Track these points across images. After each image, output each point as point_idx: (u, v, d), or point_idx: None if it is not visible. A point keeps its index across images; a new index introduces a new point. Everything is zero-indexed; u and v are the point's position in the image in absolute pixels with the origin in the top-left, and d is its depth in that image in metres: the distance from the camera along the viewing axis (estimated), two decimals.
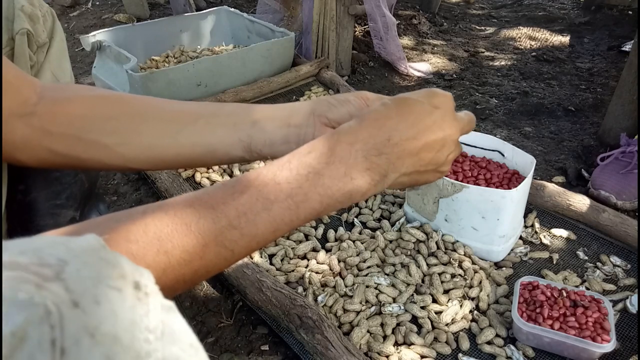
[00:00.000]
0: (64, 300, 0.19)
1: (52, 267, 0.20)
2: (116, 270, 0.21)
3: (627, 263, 0.95)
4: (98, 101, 0.54)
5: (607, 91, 1.68)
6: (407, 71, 1.83)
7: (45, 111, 0.52)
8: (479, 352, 0.80)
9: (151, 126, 0.54)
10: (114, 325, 0.20)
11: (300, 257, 0.97)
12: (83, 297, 0.19)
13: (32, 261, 0.20)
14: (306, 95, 1.53)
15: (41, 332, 0.18)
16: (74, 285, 0.19)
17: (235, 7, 2.02)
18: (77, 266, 0.20)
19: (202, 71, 1.41)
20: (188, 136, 0.54)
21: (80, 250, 0.21)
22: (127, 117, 0.54)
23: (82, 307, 0.19)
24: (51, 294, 0.19)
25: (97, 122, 0.53)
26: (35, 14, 0.69)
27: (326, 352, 0.73)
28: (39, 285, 0.19)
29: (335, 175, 0.43)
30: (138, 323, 0.21)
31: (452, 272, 0.91)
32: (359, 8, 1.73)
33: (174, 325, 0.22)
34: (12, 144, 0.52)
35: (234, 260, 0.41)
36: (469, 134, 1.06)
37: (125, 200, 1.18)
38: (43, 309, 0.18)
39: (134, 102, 0.56)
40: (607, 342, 0.74)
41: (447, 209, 0.95)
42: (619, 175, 1.14)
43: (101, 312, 0.19)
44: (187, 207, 0.38)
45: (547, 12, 2.55)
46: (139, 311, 0.21)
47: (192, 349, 0.23)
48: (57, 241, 0.21)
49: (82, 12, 2.44)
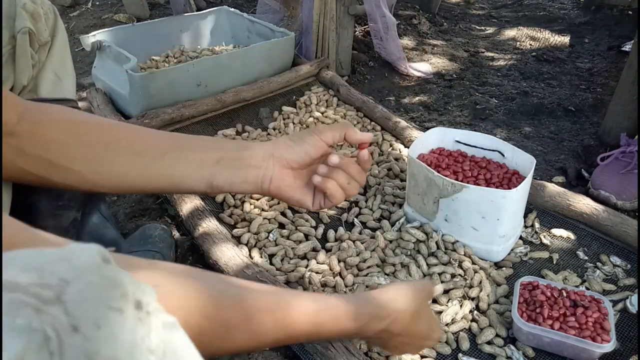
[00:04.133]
0: (64, 325, 0.18)
1: (52, 288, 0.19)
2: (118, 289, 0.21)
3: (627, 263, 0.95)
4: (74, 127, 0.57)
5: (607, 91, 1.67)
6: (407, 71, 1.83)
7: (23, 132, 0.54)
8: (479, 352, 0.80)
9: (123, 157, 0.57)
10: (115, 349, 0.19)
11: (300, 257, 0.97)
12: (83, 320, 0.19)
13: (32, 281, 0.19)
14: (306, 95, 1.53)
15: (40, 359, 0.17)
16: (74, 309, 0.19)
17: (235, 7, 2.02)
18: (78, 287, 0.20)
19: (202, 71, 1.41)
20: (157, 169, 0.58)
21: (83, 268, 0.21)
22: (101, 147, 0.57)
23: (82, 332, 0.19)
24: (51, 318, 0.18)
25: (71, 149, 0.56)
26: (37, 12, 0.69)
27: (326, 352, 0.73)
28: (38, 309, 0.18)
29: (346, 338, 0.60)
30: (139, 345, 0.20)
31: (452, 272, 0.91)
32: (359, 8, 1.73)
33: (177, 343, 0.22)
34: None
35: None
36: (469, 134, 1.07)
37: (125, 200, 1.18)
38: (42, 335, 0.18)
39: (109, 131, 0.58)
40: (607, 342, 0.74)
41: (447, 209, 0.95)
42: (619, 175, 1.14)
43: (102, 336, 0.19)
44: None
45: (547, 12, 2.55)
46: (140, 332, 0.21)
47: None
48: (61, 257, 0.21)
49: (82, 12, 2.44)
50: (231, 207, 1.09)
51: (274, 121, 1.42)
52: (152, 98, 1.34)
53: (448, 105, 1.65)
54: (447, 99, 1.69)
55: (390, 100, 1.67)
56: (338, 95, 1.53)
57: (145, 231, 0.99)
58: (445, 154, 1.06)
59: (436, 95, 1.71)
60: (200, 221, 0.99)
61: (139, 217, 1.13)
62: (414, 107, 1.63)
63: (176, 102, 1.38)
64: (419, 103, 1.66)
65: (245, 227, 1.03)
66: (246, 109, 1.48)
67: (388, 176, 1.19)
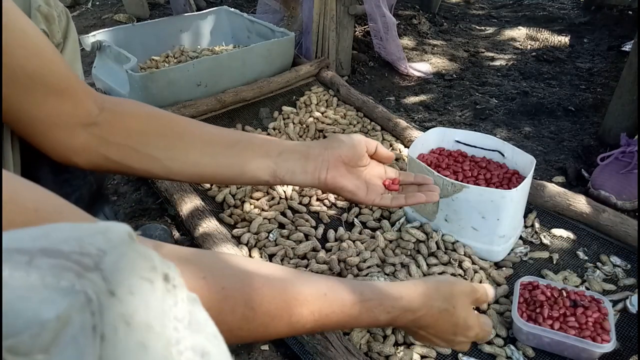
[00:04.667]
0: (102, 290, 0.20)
1: (92, 257, 0.21)
2: (148, 262, 0.23)
3: (627, 263, 0.95)
4: (151, 119, 0.63)
5: (607, 91, 1.68)
6: (407, 71, 1.83)
7: (106, 122, 0.60)
8: (479, 352, 0.80)
9: (195, 146, 0.64)
10: (147, 314, 0.21)
11: (300, 257, 0.97)
12: (119, 287, 0.21)
13: (74, 250, 0.21)
14: (306, 95, 1.53)
15: (83, 317, 0.19)
16: (110, 276, 0.21)
17: (235, 7, 2.02)
18: (114, 257, 0.21)
19: (202, 71, 1.41)
20: (226, 158, 0.65)
21: (118, 242, 0.22)
22: (177, 136, 0.63)
23: (119, 297, 0.20)
24: (91, 282, 0.20)
25: (152, 138, 0.62)
26: (51, 14, 0.70)
27: (326, 352, 0.73)
28: (79, 274, 0.20)
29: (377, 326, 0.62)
30: (167, 313, 0.22)
31: (452, 272, 0.91)
32: (359, 8, 1.73)
33: (199, 316, 0.24)
34: (71, 148, 0.60)
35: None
36: (469, 134, 1.07)
37: (125, 200, 1.18)
38: (84, 297, 0.19)
39: (181, 123, 0.65)
40: (607, 342, 0.74)
41: (447, 209, 0.95)
42: (619, 175, 1.14)
43: (135, 302, 0.21)
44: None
45: (547, 12, 2.55)
46: (168, 302, 0.22)
47: (216, 339, 0.24)
48: (98, 230, 0.22)
49: (82, 12, 2.44)
50: (231, 207, 1.09)
51: (274, 121, 1.42)
52: (152, 98, 1.34)
53: (448, 105, 1.65)
54: (447, 99, 1.69)
55: (390, 100, 1.67)
56: (338, 95, 1.53)
57: (145, 231, 1.00)
58: (445, 154, 1.06)
59: (436, 95, 1.71)
60: (200, 221, 0.99)
61: (139, 217, 1.13)
62: (414, 107, 1.63)
63: (176, 102, 1.38)
64: (419, 103, 1.66)
65: (245, 227, 1.03)
66: (246, 109, 1.48)
67: None
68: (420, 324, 0.60)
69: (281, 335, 0.49)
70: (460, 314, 0.62)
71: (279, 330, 0.48)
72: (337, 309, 0.52)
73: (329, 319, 0.51)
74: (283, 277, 0.50)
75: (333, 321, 0.52)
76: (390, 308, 0.56)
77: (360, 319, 0.54)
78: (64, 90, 0.57)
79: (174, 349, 0.21)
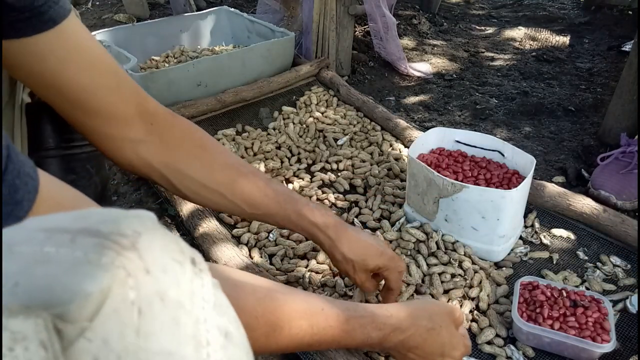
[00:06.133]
0: (139, 267, 0.22)
1: (128, 237, 0.22)
2: (178, 245, 0.24)
3: (627, 263, 0.95)
4: (195, 159, 0.68)
5: (607, 91, 1.67)
6: (407, 71, 1.83)
7: (152, 145, 0.65)
8: (479, 352, 0.80)
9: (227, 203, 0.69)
10: (178, 292, 0.22)
11: (300, 257, 0.97)
12: (153, 266, 0.22)
13: (112, 230, 0.22)
14: (306, 95, 1.53)
15: (123, 291, 0.20)
16: (146, 255, 0.22)
17: (235, 7, 2.02)
18: (148, 239, 0.23)
19: (202, 71, 1.41)
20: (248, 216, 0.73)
21: (150, 225, 0.24)
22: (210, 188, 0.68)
23: (153, 274, 0.22)
24: (128, 260, 0.21)
25: (187, 181, 0.67)
26: None
27: (326, 352, 0.73)
28: (118, 252, 0.21)
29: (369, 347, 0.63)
30: (196, 293, 0.23)
31: (452, 272, 0.91)
32: (359, 8, 1.73)
33: (222, 300, 0.25)
34: (119, 159, 0.65)
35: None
36: (469, 134, 1.07)
37: (125, 200, 1.18)
38: (124, 273, 0.21)
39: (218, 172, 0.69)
40: (607, 342, 0.74)
41: (447, 209, 0.95)
42: (619, 176, 1.14)
43: (168, 280, 0.22)
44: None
45: (547, 12, 2.55)
46: (196, 283, 0.24)
47: (236, 322, 0.26)
48: (131, 215, 0.24)
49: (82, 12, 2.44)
50: None
51: (274, 121, 1.42)
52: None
53: (448, 105, 1.65)
54: (447, 99, 1.69)
55: (390, 100, 1.67)
56: (338, 95, 1.53)
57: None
58: (445, 154, 1.06)
59: (436, 95, 1.71)
60: (200, 221, 0.99)
61: None
62: (414, 107, 1.63)
63: (176, 102, 1.38)
64: (419, 103, 1.66)
65: (245, 227, 1.03)
66: (246, 109, 1.48)
67: (388, 176, 1.19)
68: (410, 345, 0.62)
69: (281, 346, 0.51)
70: (445, 333, 0.64)
71: (279, 341, 0.50)
72: (333, 324, 0.54)
73: (325, 333, 0.54)
74: (283, 292, 0.53)
75: (329, 335, 0.54)
76: (381, 325, 0.59)
77: (354, 335, 0.57)
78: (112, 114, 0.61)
79: (202, 326, 0.23)
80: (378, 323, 0.59)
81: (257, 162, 1.23)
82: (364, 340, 0.58)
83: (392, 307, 0.62)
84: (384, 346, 0.61)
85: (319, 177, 1.19)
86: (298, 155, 1.28)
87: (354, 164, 1.23)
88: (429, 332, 0.62)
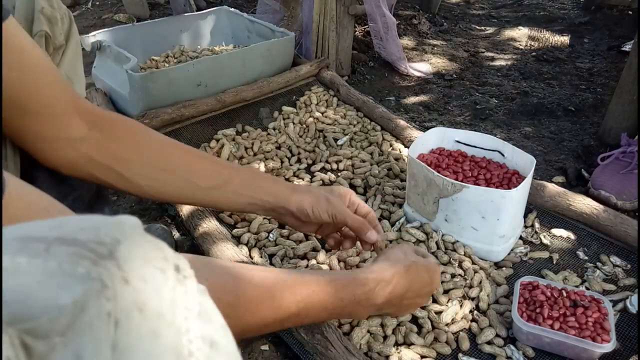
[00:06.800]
0: (117, 277, 0.21)
1: (107, 245, 0.21)
2: (160, 252, 0.23)
3: (627, 263, 0.95)
4: (140, 147, 0.67)
5: (607, 91, 1.68)
6: (407, 71, 1.83)
7: (93, 142, 0.64)
8: (479, 352, 0.80)
9: (176, 181, 0.69)
10: (159, 302, 0.21)
11: (300, 257, 0.97)
12: (133, 275, 0.21)
13: (90, 238, 0.21)
14: (306, 95, 1.53)
15: (99, 303, 0.19)
16: (125, 264, 0.21)
17: (235, 7, 2.02)
18: (128, 247, 0.22)
19: (202, 71, 1.41)
20: (202, 196, 0.71)
21: (131, 232, 0.23)
22: (160, 169, 0.68)
23: (132, 284, 0.21)
24: (106, 270, 0.20)
25: (135, 166, 0.66)
26: (54, 16, 0.70)
27: (326, 352, 0.73)
28: (95, 261, 0.20)
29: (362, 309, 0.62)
30: (178, 302, 0.22)
31: (452, 272, 0.91)
32: (359, 8, 1.73)
33: (208, 307, 0.24)
34: (59, 161, 0.63)
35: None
36: (469, 134, 1.07)
37: (125, 200, 1.18)
38: (100, 283, 0.20)
39: (168, 155, 0.69)
40: (607, 342, 0.74)
41: (447, 209, 0.95)
42: (619, 176, 1.14)
43: (148, 290, 0.21)
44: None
45: (547, 12, 2.55)
46: (179, 291, 0.23)
47: (223, 330, 0.25)
48: (112, 222, 0.23)
49: (82, 12, 2.44)
50: None
51: (274, 121, 1.42)
52: (152, 98, 1.34)
53: (448, 105, 1.65)
54: (447, 99, 1.69)
55: (390, 100, 1.67)
56: (338, 95, 1.52)
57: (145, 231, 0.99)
58: (445, 154, 1.06)
59: (436, 95, 1.71)
60: (200, 221, 0.99)
61: (139, 217, 1.12)
62: (414, 107, 1.63)
63: (176, 102, 1.38)
64: (419, 103, 1.66)
65: (245, 227, 1.03)
66: (246, 109, 1.48)
67: (388, 176, 1.19)
68: (399, 292, 0.64)
69: (267, 321, 0.51)
70: (419, 263, 0.69)
71: (264, 316, 0.50)
72: (315, 288, 0.55)
73: (310, 300, 0.54)
74: (261, 269, 0.54)
75: (315, 302, 0.55)
76: (364, 280, 0.60)
77: (340, 296, 0.58)
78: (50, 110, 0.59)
79: (184, 337, 0.22)
80: (360, 279, 0.60)
81: (257, 162, 1.23)
82: (351, 300, 0.58)
83: (371, 265, 0.65)
84: (375, 303, 0.62)
85: (319, 177, 1.19)
86: (298, 155, 1.28)
87: (354, 164, 1.23)
88: (409, 271, 0.65)
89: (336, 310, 0.58)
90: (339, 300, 0.57)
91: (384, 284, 0.62)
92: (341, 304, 0.58)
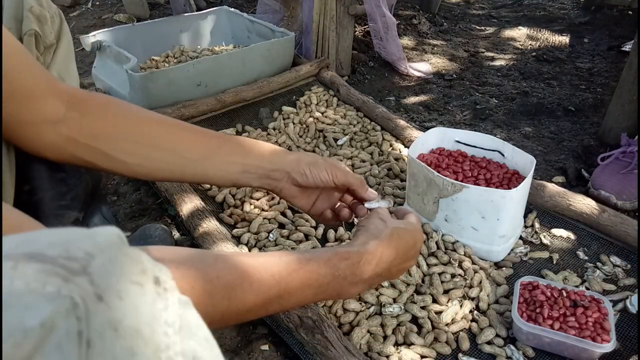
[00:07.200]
0: (90, 294, 0.19)
1: (79, 261, 0.20)
2: (138, 265, 0.22)
3: (627, 263, 0.95)
4: (122, 122, 0.64)
5: (607, 91, 1.67)
6: (407, 71, 1.83)
7: (73, 122, 0.61)
8: (479, 352, 0.80)
9: (164, 155, 0.65)
10: (136, 319, 0.20)
11: None
12: (107, 291, 0.20)
13: (60, 254, 0.20)
14: (306, 95, 1.53)
15: (68, 323, 0.18)
16: (99, 280, 0.20)
17: (235, 7, 2.02)
18: (102, 261, 0.21)
19: (202, 71, 1.41)
20: (193, 169, 0.67)
21: (106, 245, 0.22)
22: (146, 143, 0.64)
23: (107, 301, 0.20)
24: (77, 287, 0.19)
25: (119, 143, 0.63)
26: (44, 15, 0.70)
27: (326, 352, 0.73)
28: (66, 278, 0.19)
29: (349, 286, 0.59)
30: (158, 317, 0.21)
31: (452, 272, 0.91)
32: (359, 8, 1.73)
33: (191, 319, 0.23)
34: (42, 146, 0.61)
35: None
36: (469, 134, 1.07)
37: (125, 200, 1.18)
38: (70, 302, 0.19)
39: (154, 128, 0.66)
40: (607, 342, 0.74)
41: (447, 209, 0.95)
42: (619, 176, 1.14)
43: (124, 307, 0.20)
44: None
45: (547, 12, 2.55)
46: (158, 306, 0.22)
47: (207, 343, 0.23)
48: (85, 235, 0.22)
49: (82, 12, 2.44)
50: (231, 207, 1.09)
51: (274, 121, 1.42)
52: (152, 98, 1.34)
53: (448, 105, 1.65)
54: (447, 99, 1.69)
55: (390, 100, 1.67)
56: (338, 95, 1.52)
57: (145, 231, 1.00)
58: (445, 154, 1.06)
59: (436, 95, 1.71)
60: (200, 221, 0.99)
61: (139, 217, 1.13)
62: (414, 107, 1.63)
63: (176, 102, 1.38)
64: (419, 103, 1.66)
65: (245, 227, 1.03)
66: (246, 109, 1.48)
67: (388, 176, 1.19)
68: (387, 262, 0.61)
69: (249, 306, 0.49)
70: (399, 224, 0.66)
71: (244, 300, 0.48)
72: (295, 266, 0.53)
73: (291, 279, 0.52)
74: (237, 254, 0.51)
75: (296, 281, 0.53)
76: (346, 254, 0.58)
77: (323, 272, 0.55)
78: (27, 92, 0.57)
79: (164, 354, 0.21)
80: (342, 252, 0.57)
81: None
82: (335, 275, 0.56)
83: (352, 240, 0.63)
84: (363, 278, 0.59)
85: None
86: None
87: (354, 164, 1.23)
88: (391, 239, 0.62)
89: (321, 287, 0.55)
90: (322, 276, 0.55)
91: (369, 257, 0.59)
92: (325, 280, 0.55)
